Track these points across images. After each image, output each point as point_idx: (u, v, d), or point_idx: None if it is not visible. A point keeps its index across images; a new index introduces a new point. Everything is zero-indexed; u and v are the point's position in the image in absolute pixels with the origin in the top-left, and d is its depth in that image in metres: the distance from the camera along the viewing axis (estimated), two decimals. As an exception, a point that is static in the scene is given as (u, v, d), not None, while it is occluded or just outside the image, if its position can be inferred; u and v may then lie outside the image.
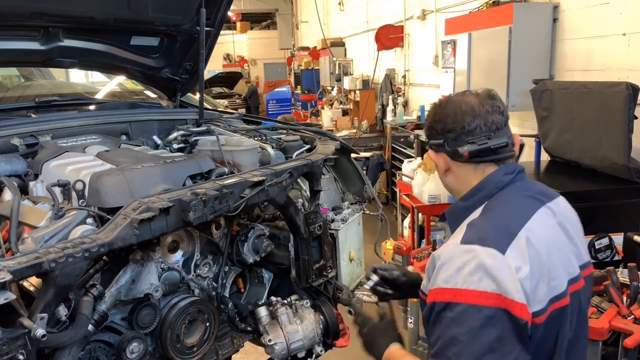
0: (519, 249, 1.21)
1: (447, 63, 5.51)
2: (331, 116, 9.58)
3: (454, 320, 1.18)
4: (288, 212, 2.03)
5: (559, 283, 1.26)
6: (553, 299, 1.23)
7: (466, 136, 1.36)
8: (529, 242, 1.23)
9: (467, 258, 1.21)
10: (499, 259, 1.19)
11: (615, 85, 3.07)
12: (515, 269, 1.18)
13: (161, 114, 2.66)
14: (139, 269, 1.70)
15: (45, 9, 2.13)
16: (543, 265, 1.23)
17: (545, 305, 1.21)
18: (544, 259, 1.24)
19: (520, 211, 1.31)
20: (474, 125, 1.36)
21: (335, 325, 2.20)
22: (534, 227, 1.27)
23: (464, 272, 1.19)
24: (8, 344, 1.23)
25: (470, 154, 1.35)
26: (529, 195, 1.36)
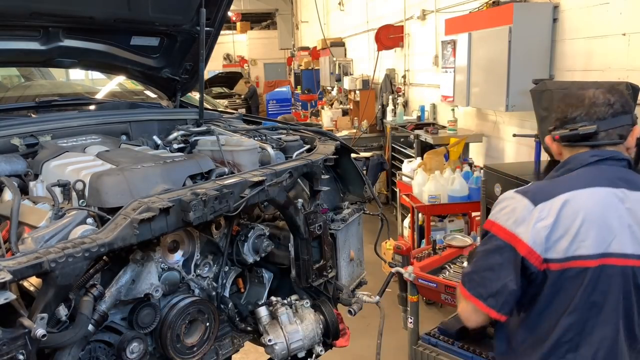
0: (552, 206, 1.48)
1: (447, 63, 5.51)
2: (331, 116, 9.58)
3: (483, 241, 1.60)
4: (288, 212, 2.03)
5: (586, 246, 1.45)
6: (575, 257, 1.45)
7: (567, 123, 1.59)
8: (565, 205, 1.47)
9: (508, 202, 1.57)
10: (527, 207, 1.50)
11: (615, 85, 3.07)
12: (537, 219, 1.47)
13: (161, 114, 2.66)
14: (139, 269, 1.70)
15: (45, 9, 2.13)
16: (572, 228, 1.45)
17: (562, 257, 1.45)
18: (576, 223, 1.45)
19: (578, 182, 1.52)
20: (575, 115, 1.57)
21: (335, 325, 2.20)
22: (581, 197, 1.48)
23: (502, 211, 1.56)
24: (8, 344, 1.23)
25: (561, 138, 1.60)
26: (604, 177, 1.52)
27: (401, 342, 3.31)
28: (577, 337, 1.49)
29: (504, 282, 1.50)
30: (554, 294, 1.49)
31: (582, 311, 1.48)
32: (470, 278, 1.59)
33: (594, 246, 1.45)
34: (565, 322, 1.49)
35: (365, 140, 7.89)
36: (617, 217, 1.47)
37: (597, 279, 1.45)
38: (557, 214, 1.46)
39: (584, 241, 1.45)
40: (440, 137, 5.57)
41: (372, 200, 2.57)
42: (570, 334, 1.49)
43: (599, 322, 1.49)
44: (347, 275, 2.44)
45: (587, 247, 1.45)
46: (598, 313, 1.48)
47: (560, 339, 1.50)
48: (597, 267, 1.45)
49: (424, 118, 6.81)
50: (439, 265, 3.03)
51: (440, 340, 2.90)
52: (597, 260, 1.45)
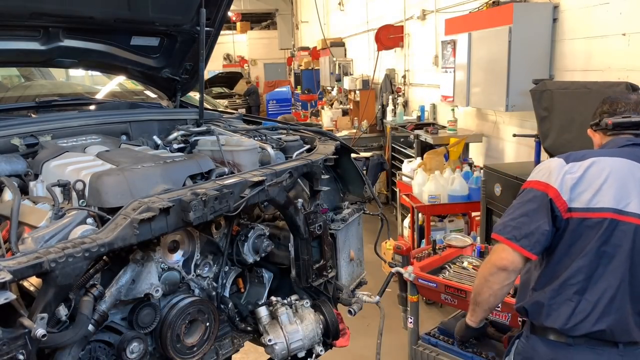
0: (581, 165, 1.71)
1: (447, 63, 5.51)
2: (331, 116, 9.58)
3: (518, 195, 1.81)
4: (288, 212, 2.03)
5: (602, 201, 1.66)
6: (595, 209, 1.66)
7: (616, 116, 1.82)
8: (593, 165, 1.70)
9: (545, 164, 1.80)
10: (560, 164, 1.74)
11: (615, 85, 3.07)
12: (566, 172, 1.70)
13: (161, 114, 2.66)
14: (139, 269, 1.70)
15: (45, 9, 2.13)
16: (595, 183, 1.67)
17: (583, 206, 1.67)
18: (600, 180, 1.67)
19: (609, 153, 1.76)
20: (624, 110, 1.82)
21: (335, 325, 2.20)
22: (608, 161, 1.71)
23: (539, 172, 1.78)
24: (8, 344, 1.23)
25: (613, 124, 1.81)
26: (630, 153, 1.74)
27: (401, 342, 3.31)
28: (585, 282, 1.68)
29: (538, 224, 1.69)
30: (573, 241, 1.69)
31: (593, 257, 1.67)
32: (505, 225, 1.76)
33: (612, 202, 1.66)
34: (576, 265, 1.69)
35: (365, 140, 7.88)
36: (635, 182, 1.68)
37: (612, 232, 1.65)
38: (584, 170, 1.69)
39: (604, 196, 1.66)
40: (440, 137, 5.57)
41: (372, 200, 2.57)
42: (580, 276, 1.68)
43: (606, 272, 1.68)
44: (347, 275, 2.44)
45: (606, 201, 1.66)
46: (607, 263, 1.67)
47: (569, 279, 1.70)
48: (612, 220, 1.65)
49: (424, 118, 6.81)
50: (439, 265, 3.03)
51: (440, 340, 2.90)
52: (613, 214, 1.65)
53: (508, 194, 3.51)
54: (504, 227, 1.75)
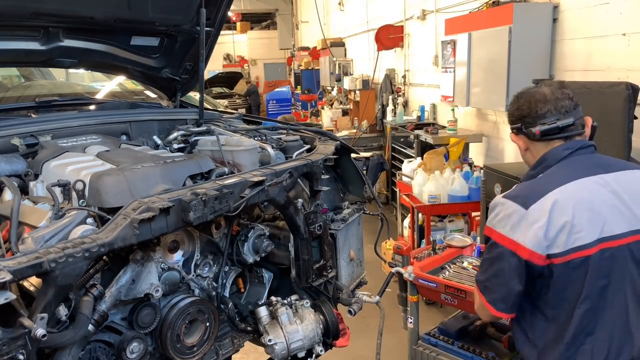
0: (542, 206, 1.58)
1: (447, 63, 5.51)
2: (331, 116, 9.57)
3: (487, 249, 1.72)
4: (288, 212, 2.03)
5: (582, 237, 1.55)
6: (575, 248, 1.55)
7: (539, 119, 1.69)
8: (555, 202, 1.57)
9: (500, 208, 1.67)
10: (521, 213, 1.60)
11: (615, 85, 3.07)
12: (532, 221, 1.57)
13: (161, 114, 2.66)
14: (139, 269, 1.70)
15: (46, 9, 2.13)
16: (565, 221, 1.55)
17: (563, 250, 1.55)
18: (567, 216, 1.56)
19: (561, 177, 1.63)
20: (545, 110, 1.68)
21: (335, 325, 2.20)
22: (567, 191, 1.60)
23: (497, 218, 1.66)
24: (8, 344, 1.23)
25: (541, 133, 1.68)
26: (580, 165, 1.66)
27: (401, 342, 3.30)
28: (592, 322, 1.59)
29: (510, 286, 1.63)
30: (564, 285, 1.59)
31: (593, 297, 1.57)
32: (483, 285, 1.73)
33: (589, 235, 1.56)
34: (580, 311, 1.58)
35: (365, 140, 7.88)
36: (603, 202, 1.60)
37: (599, 265, 1.56)
38: (549, 212, 1.57)
39: (579, 232, 1.56)
40: (440, 137, 5.57)
41: (372, 200, 2.57)
42: (586, 320, 1.58)
43: (607, 304, 1.58)
44: (347, 275, 2.44)
45: (583, 237, 1.56)
46: (605, 295, 1.58)
47: (578, 328, 1.59)
48: (596, 253, 1.55)
49: (424, 118, 6.81)
50: (439, 265, 3.02)
51: (440, 340, 2.90)
52: (595, 247, 1.56)
53: (508, 194, 3.51)
54: (484, 288, 1.72)
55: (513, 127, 1.80)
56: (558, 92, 1.70)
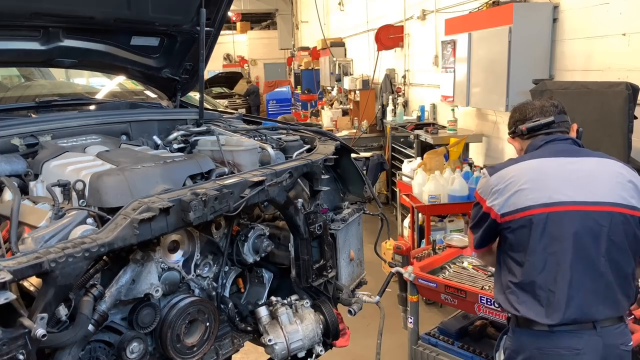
0: (501, 176, 1.96)
1: (447, 63, 5.51)
2: (331, 116, 9.57)
3: (473, 205, 2.09)
4: (288, 212, 2.03)
5: (530, 200, 1.87)
6: (522, 209, 1.88)
7: (527, 120, 2.07)
8: (514, 174, 1.93)
9: (483, 179, 2.07)
10: (488, 179, 2.01)
11: (615, 85, 3.07)
12: (492, 185, 1.97)
13: (161, 114, 2.66)
14: (139, 269, 1.70)
15: (46, 9, 2.13)
16: (517, 187, 1.90)
17: (512, 210, 1.89)
18: (519, 184, 1.90)
19: (528, 157, 2.00)
20: (532, 114, 2.06)
21: (335, 325, 2.20)
22: (529, 165, 1.95)
23: (480, 184, 2.07)
24: (8, 344, 1.23)
25: (527, 129, 2.05)
26: (549, 150, 1.98)
27: (401, 342, 3.31)
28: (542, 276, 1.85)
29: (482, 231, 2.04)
30: (517, 239, 1.90)
31: (537, 253, 1.85)
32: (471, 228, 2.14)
33: (536, 199, 1.86)
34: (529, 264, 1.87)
35: (365, 140, 7.88)
36: (555, 176, 1.90)
37: (545, 224, 1.84)
38: (506, 180, 1.93)
39: (527, 196, 1.87)
40: (440, 137, 5.57)
41: (372, 200, 2.57)
42: (534, 272, 1.86)
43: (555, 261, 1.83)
44: (347, 275, 2.44)
45: (530, 200, 1.87)
46: (553, 253, 1.84)
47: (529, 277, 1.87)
48: (540, 215, 1.85)
49: (424, 118, 6.81)
50: (439, 265, 3.03)
51: (440, 340, 2.90)
52: (538, 209, 1.85)
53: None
54: (471, 229, 2.14)
55: (509, 133, 2.17)
56: (546, 102, 2.09)
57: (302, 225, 2.08)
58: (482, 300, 2.54)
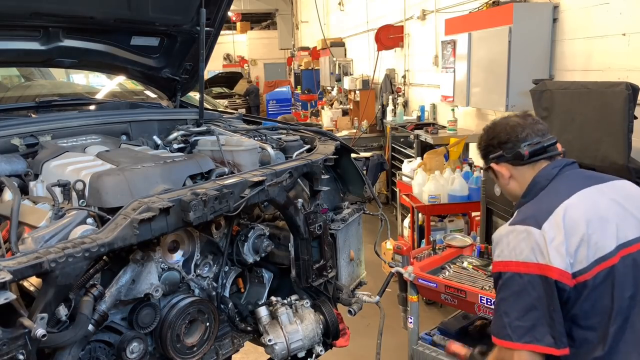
0: (555, 222, 1.48)
1: (447, 63, 5.50)
2: (331, 116, 9.57)
3: (504, 285, 1.50)
4: (288, 212, 2.03)
5: (603, 246, 1.46)
6: (599, 260, 1.45)
7: (521, 142, 1.66)
8: (565, 215, 1.48)
9: (510, 236, 1.52)
10: (536, 234, 1.47)
11: (615, 85, 3.07)
12: (550, 239, 1.45)
13: (161, 114, 2.66)
14: (139, 269, 1.70)
15: (46, 9, 2.13)
16: (582, 233, 1.46)
17: (588, 265, 1.44)
18: (582, 227, 1.46)
19: (562, 192, 1.56)
20: (525, 134, 1.66)
21: (335, 325, 2.20)
22: (574, 203, 1.52)
23: (509, 247, 1.51)
24: (8, 344, 1.23)
25: (530, 154, 1.64)
26: (574, 179, 1.62)
27: (401, 342, 3.30)
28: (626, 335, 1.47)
29: (551, 315, 1.44)
30: (592, 305, 1.46)
31: (623, 310, 1.46)
32: (513, 328, 1.45)
33: (608, 243, 1.47)
34: (614, 328, 1.45)
35: (365, 140, 7.88)
36: (608, 209, 1.54)
37: (623, 273, 1.46)
38: (563, 227, 1.47)
39: (598, 242, 1.46)
40: (440, 137, 5.57)
41: (372, 200, 2.57)
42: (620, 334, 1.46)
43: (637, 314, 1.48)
44: (347, 275, 2.44)
45: (603, 247, 1.46)
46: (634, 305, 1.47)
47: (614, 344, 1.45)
48: (619, 262, 1.46)
49: (424, 118, 6.81)
50: (439, 265, 3.03)
51: (440, 340, 2.89)
52: (617, 256, 1.47)
53: (508, 194, 3.51)
54: (514, 330, 1.45)
55: (493, 157, 1.73)
56: (529, 118, 1.72)
57: (302, 225, 2.08)
58: (482, 300, 2.54)
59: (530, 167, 1.67)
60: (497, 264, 1.54)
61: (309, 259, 2.14)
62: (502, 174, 1.73)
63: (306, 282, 2.16)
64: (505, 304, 1.48)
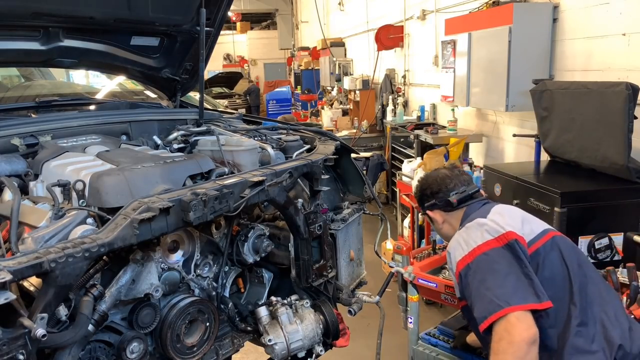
0: (496, 212, 1.80)
1: (447, 63, 5.51)
2: (331, 116, 9.57)
3: (475, 270, 1.62)
4: (288, 212, 2.03)
5: (537, 225, 1.76)
6: (540, 234, 1.71)
7: (450, 192, 1.98)
8: (501, 210, 1.82)
9: (463, 234, 1.75)
10: (485, 220, 1.74)
11: (615, 85, 3.07)
12: (498, 220, 1.72)
13: (161, 114, 2.66)
14: (139, 269, 1.70)
15: (46, 9, 2.13)
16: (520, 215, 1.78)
17: (535, 236, 1.69)
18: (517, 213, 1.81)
19: (487, 207, 1.90)
20: (453, 184, 1.98)
21: (335, 325, 2.20)
22: (499, 208, 1.87)
23: (465, 242, 1.69)
24: (8, 344, 1.23)
25: (458, 201, 1.94)
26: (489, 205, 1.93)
27: (401, 342, 3.30)
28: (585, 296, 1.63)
29: (526, 273, 1.57)
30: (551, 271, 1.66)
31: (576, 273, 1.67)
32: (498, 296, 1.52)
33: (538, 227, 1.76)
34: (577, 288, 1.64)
35: (365, 140, 7.88)
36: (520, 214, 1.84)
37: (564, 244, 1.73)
38: (505, 214, 1.77)
39: (532, 223, 1.76)
40: (440, 137, 5.57)
41: (372, 200, 2.57)
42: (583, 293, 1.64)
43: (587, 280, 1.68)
44: (347, 275, 2.44)
45: (537, 228, 1.75)
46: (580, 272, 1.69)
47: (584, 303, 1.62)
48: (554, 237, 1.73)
49: (423, 118, 6.81)
50: (439, 265, 3.03)
51: (440, 340, 2.90)
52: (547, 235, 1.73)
53: (508, 194, 3.51)
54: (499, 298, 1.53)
55: (427, 205, 2.04)
56: (455, 170, 2.06)
57: (302, 225, 2.08)
58: (482, 300, 2.54)
59: (459, 212, 1.95)
60: (461, 262, 1.67)
61: (309, 259, 2.14)
62: (436, 219, 2.03)
63: (306, 282, 2.16)
64: (484, 283, 1.58)
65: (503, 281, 1.54)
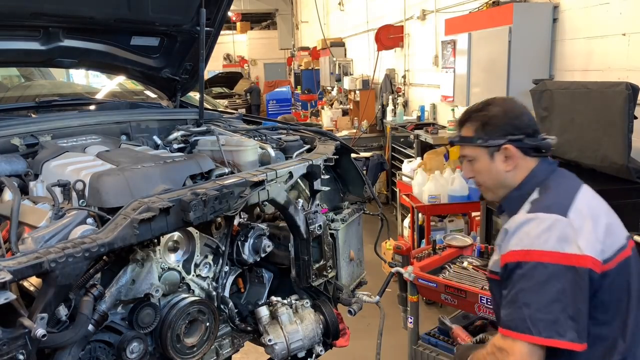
0: (579, 210, 1.44)
1: (447, 63, 5.51)
2: (331, 116, 9.57)
3: (525, 275, 1.39)
4: (288, 212, 2.03)
5: (619, 237, 1.48)
6: (618, 250, 1.45)
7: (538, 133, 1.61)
8: (587, 205, 1.48)
9: (533, 224, 1.43)
10: (563, 222, 1.41)
11: (615, 85, 3.07)
12: (578, 227, 1.40)
13: (161, 114, 2.66)
14: (139, 269, 1.70)
15: (46, 9, 2.13)
16: (605, 222, 1.46)
17: (612, 254, 1.43)
18: (603, 217, 1.48)
19: (571, 186, 1.56)
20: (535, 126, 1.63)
21: (335, 325, 2.20)
22: (586, 196, 1.52)
23: (531, 236, 1.41)
24: (8, 344, 1.23)
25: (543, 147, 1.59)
26: (570, 177, 1.62)
27: (401, 342, 3.30)
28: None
29: (577, 307, 1.36)
30: (610, 296, 1.43)
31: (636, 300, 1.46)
32: (534, 321, 1.35)
33: (622, 234, 1.51)
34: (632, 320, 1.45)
35: (365, 140, 7.88)
36: (607, 207, 1.57)
37: (635, 264, 1.50)
38: (589, 215, 1.45)
39: (616, 231, 1.49)
40: (440, 137, 5.57)
41: (372, 200, 2.57)
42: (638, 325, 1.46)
43: None
44: (347, 275, 2.44)
45: (619, 237, 1.49)
46: None
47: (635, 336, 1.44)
48: (632, 253, 1.50)
49: (423, 118, 6.81)
50: (439, 265, 3.03)
51: (440, 340, 2.90)
52: (629, 247, 1.50)
53: (508, 194, 3.51)
54: (535, 323, 1.34)
55: (513, 139, 1.58)
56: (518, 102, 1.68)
57: (302, 225, 2.08)
58: (482, 300, 2.54)
59: (534, 161, 1.60)
60: (514, 253, 1.42)
61: (309, 259, 2.14)
62: (512, 159, 1.60)
63: (306, 282, 2.16)
64: (526, 295, 1.38)
65: (547, 306, 1.35)
